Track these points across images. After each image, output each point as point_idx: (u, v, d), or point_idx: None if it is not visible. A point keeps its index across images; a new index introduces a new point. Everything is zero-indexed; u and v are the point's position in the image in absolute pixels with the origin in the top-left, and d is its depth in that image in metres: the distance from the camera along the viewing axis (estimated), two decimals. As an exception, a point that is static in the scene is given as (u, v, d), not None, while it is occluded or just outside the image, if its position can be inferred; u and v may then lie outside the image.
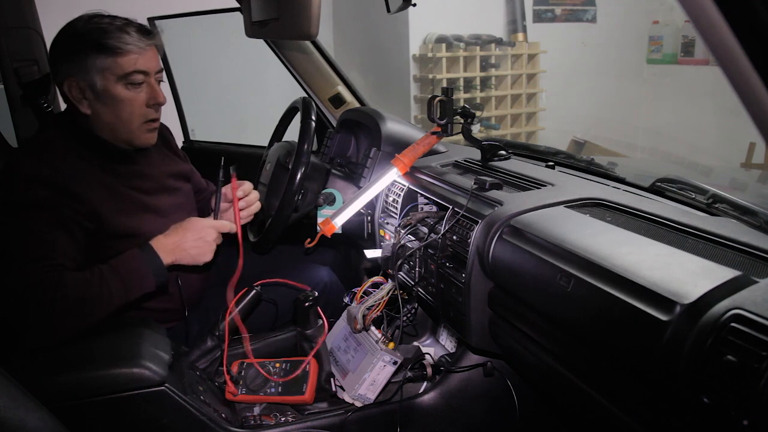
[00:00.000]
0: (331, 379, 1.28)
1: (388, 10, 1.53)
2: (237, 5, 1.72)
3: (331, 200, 1.61)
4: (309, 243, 1.43)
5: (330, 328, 1.43)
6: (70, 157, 1.25)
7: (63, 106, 1.34)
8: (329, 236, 1.44)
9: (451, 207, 1.23)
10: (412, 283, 1.34)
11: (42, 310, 1.08)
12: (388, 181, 1.46)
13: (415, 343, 1.51)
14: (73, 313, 1.11)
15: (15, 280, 1.10)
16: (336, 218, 1.42)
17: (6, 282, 1.10)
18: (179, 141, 1.91)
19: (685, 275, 0.76)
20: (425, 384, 1.35)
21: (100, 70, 1.24)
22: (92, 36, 1.23)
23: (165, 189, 1.44)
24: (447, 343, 1.51)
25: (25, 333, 1.09)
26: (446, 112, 1.38)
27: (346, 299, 1.38)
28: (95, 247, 1.25)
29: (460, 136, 1.44)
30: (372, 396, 1.26)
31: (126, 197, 1.32)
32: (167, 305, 1.40)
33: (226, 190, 1.41)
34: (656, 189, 1.23)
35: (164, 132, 1.55)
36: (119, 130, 1.29)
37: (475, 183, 1.25)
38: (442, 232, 1.21)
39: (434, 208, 1.40)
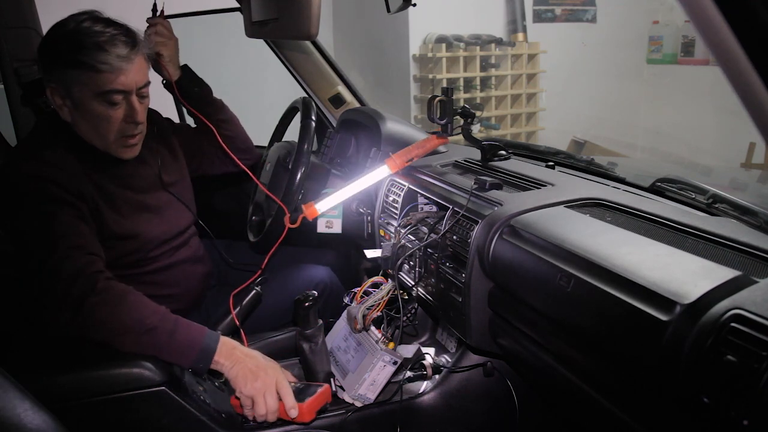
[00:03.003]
0: (331, 379, 1.28)
1: (388, 10, 1.53)
2: (237, 5, 1.72)
3: (331, 200, 1.61)
4: (291, 225, 1.42)
5: (330, 328, 1.44)
6: (66, 158, 1.24)
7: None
8: (311, 219, 1.44)
9: (451, 207, 1.23)
10: (412, 283, 1.33)
11: (95, 301, 1.08)
12: (377, 177, 1.46)
13: (415, 343, 1.51)
14: (117, 320, 1.09)
15: (62, 274, 1.09)
16: (319, 203, 1.43)
17: (44, 276, 1.11)
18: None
19: (685, 275, 0.76)
20: (425, 384, 1.35)
21: (77, 84, 1.21)
22: (71, 49, 1.19)
23: (159, 185, 1.43)
24: (447, 343, 1.51)
25: (55, 318, 1.09)
26: (446, 112, 1.38)
27: (346, 299, 1.38)
28: None
29: (460, 136, 1.44)
30: (372, 396, 1.26)
31: (119, 198, 1.31)
32: (167, 306, 1.40)
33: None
34: (656, 189, 1.23)
35: (158, 123, 1.53)
36: (96, 141, 1.28)
37: (475, 183, 1.25)
38: (442, 232, 1.21)
39: (434, 208, 1.40)
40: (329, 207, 1.45)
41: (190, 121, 1.80)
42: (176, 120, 1.75)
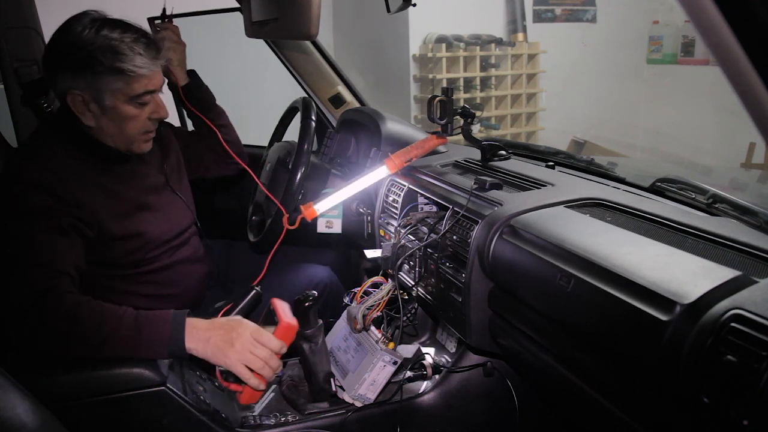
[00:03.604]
0: (331, 379, 1.28)
1: (388, 10, 1.53)
2: (237, 5, 1.72)
3: (331, 200, 1.61)
4: (290, 226, 1.43)
5: (330, 328, 1.44)
6: (68, 161, 1.24)
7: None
8: (309, 220, 1.44)
9: (451, 207, 1.23)
10: (412, 283, 1.33)
11: (41, 318, 1.05)
12: (376, 177, 1.46)
13: (415, 343, 1.51)
14: (70, 333, 1.06)
15: (16, 287, 1.08)
16: (318, 204, 1.43)
17: (7, 288, 1.09)
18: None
19: (685, 275, 0.76)
20: (425, 384, 1.35)
21: (111, 90, 1.23)
22: (105, 56, 1.20)
23: (161, 186, 1.44)
24: (447, 343, 1.51)
25: (18, 338, 1.07)
26: (446, 112, 1.38)
27: (346, 299, 1.38)
28: (97, 251, 1.24)
29: (460, 136, 1.44)
30: (372, 396, 1.26)
31: (122, 198, 1.31)
32: (167, 306, 1.40)
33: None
34: (656, 189, 1.23)
35: (161, 125, 1.54)
36: (119, 141, 1.30)
37: (475, 183, 1.25)
38: (442, 232, 1.21)
39: (434, 208, 1.40)
40: (328, 207, 1.46)
41: (189, 125, 1.82)
42: (176, 123, 1.76)
